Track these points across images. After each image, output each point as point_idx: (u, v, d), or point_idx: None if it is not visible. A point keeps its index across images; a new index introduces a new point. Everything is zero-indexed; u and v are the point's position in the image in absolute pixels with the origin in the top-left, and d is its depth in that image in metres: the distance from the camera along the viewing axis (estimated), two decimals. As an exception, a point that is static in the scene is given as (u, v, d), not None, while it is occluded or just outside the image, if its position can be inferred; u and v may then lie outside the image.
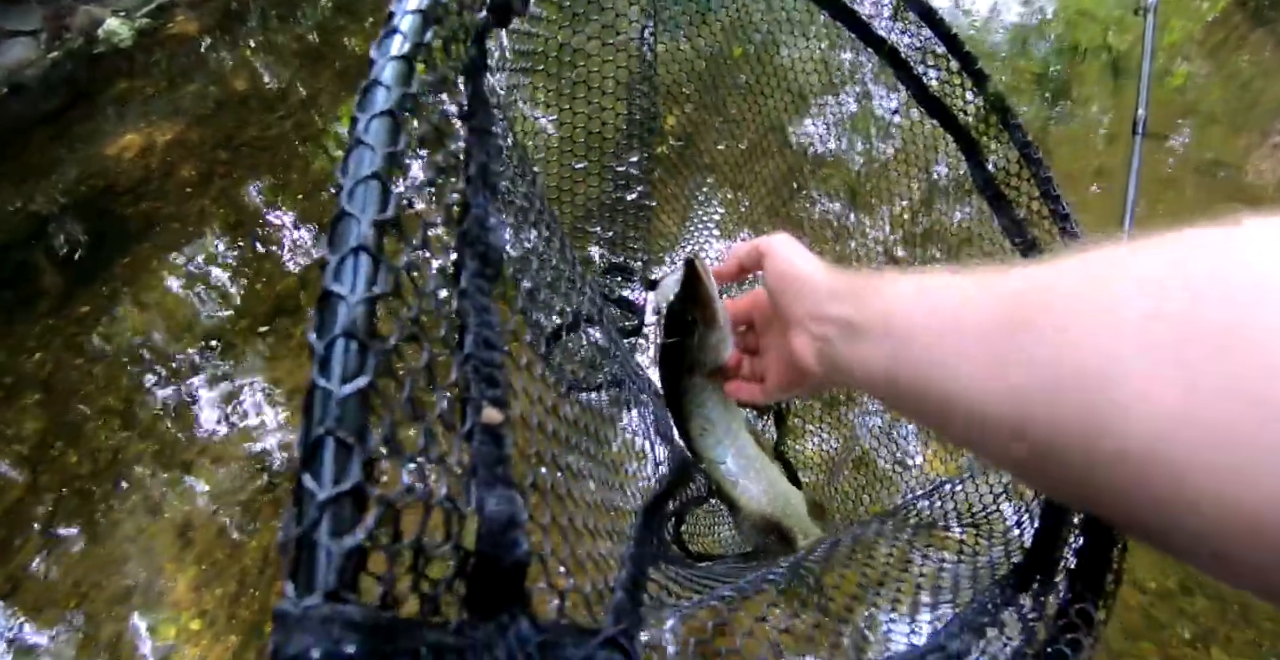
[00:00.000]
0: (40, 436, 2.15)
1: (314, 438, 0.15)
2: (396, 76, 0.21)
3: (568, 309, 0.44)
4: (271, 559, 1.76)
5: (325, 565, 0.14)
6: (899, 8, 0.60)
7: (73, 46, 3.90)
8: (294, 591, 0.14)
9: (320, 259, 0.30)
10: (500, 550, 0.18)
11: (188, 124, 3.25)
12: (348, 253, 0.17)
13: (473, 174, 0.26)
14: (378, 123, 0.20)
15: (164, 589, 1.77)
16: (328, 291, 0.17)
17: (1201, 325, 0.20)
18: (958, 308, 0.29)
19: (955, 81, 0.60)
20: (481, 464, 0.20)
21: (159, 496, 1.95)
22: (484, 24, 0.31)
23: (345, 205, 0.18)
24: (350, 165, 0.19)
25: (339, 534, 0.14)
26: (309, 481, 0.15)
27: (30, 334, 2.45)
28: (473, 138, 0.27)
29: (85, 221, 2.86)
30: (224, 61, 3.71)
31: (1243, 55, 3.14)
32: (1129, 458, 0.21)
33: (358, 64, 3.50)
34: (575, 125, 0.61)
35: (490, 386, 0.21)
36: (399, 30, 0.22)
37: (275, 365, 2.21)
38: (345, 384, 0.16)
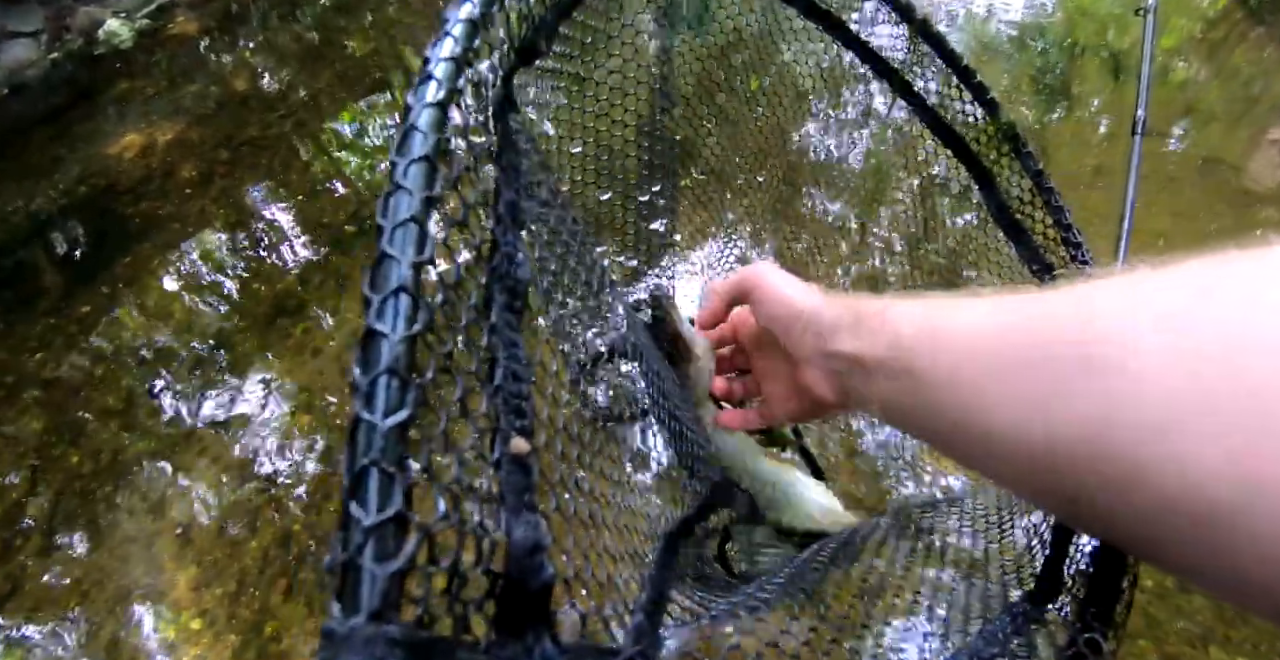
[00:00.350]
0: (40, 436, 2.15)
1: (359, 467, 0.16)
2: (432, 123, 0.22)
3: (600, 342, 0.47)
4: (271, 558, 1.76)
5: (370, 588, 0.15)
6: (912, 38, 0.60)
7: (73, 47, 3.90)
8: (340, 611, 0.15)
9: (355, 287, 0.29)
10: (526, 574, 0.20)
11: (188, 124, 3.26)
12: (389, 294, 0.19)
13: (501, 212, 0.27)
14: (415, 168, 0.21)
15: (164, 588, 1.77)
16: (371, 330, 0.18)
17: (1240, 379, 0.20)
18: (972, 340, 0.28)
19: (968, 110, 0.60)
20: (509, 491, 0.21)
21: (159, 496, 1.95)
22: (511, 65, 0.32)
23: (386, 247, 0.20)
24: (390, 209, 0.20)
25: (383, 559, 0.15)
26: (355, 509, 0.16)
27: (31, 333, 2.45)
28: (501, 176, 0.28)
29: (86, 221, 2.86)
30: (224, 62, 3.71)
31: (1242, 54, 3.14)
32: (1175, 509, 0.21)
33: (357, 65, 3.50)
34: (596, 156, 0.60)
35: (518, 417, 0.23)
36: (434, 77, 0.24)
37: (275, 365, 2.21)
38: (388, 417, 0.17)
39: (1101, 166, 2.40)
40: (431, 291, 0.20)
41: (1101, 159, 2.44)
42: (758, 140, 0.76)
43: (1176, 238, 2.10)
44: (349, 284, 2.40)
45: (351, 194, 2.81)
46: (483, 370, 0.23)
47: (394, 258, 0.20)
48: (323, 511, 1.83)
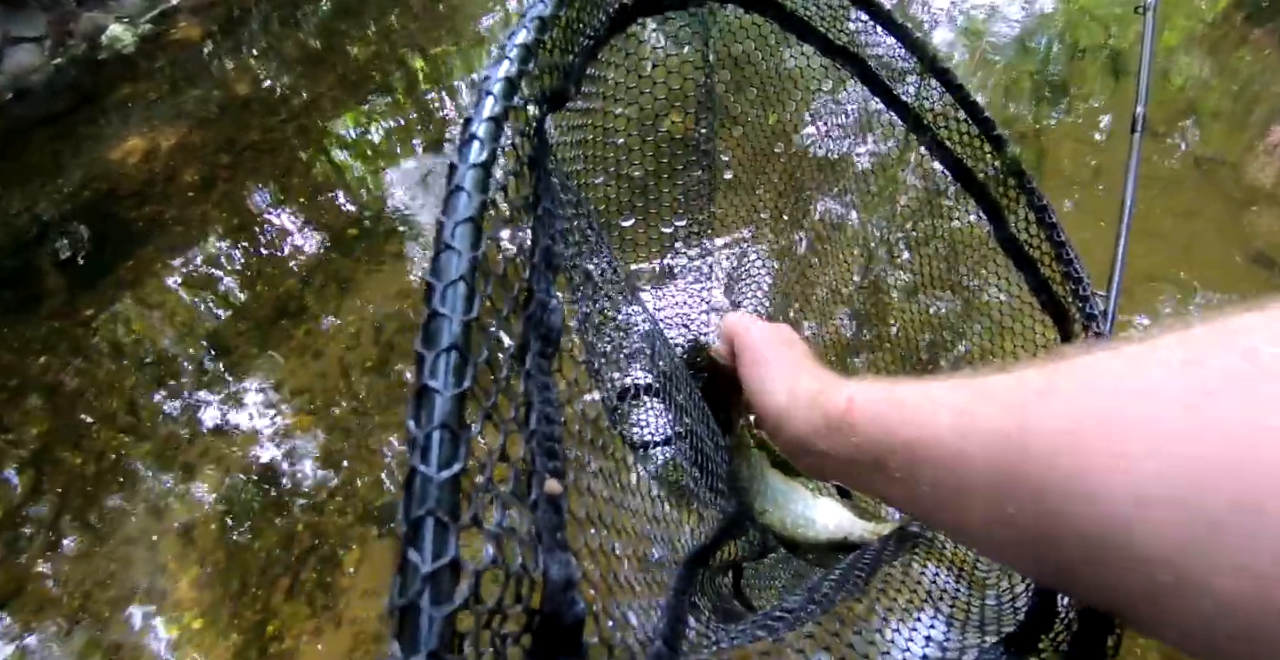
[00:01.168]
0: (44, 438, 2.16)
1: (415, 517, 0.17)
2: (476, 183, 0.23)
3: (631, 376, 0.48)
4: (273, 558, 1.77)
5: (428, 629, 0.16)
6: (923, 74, 0.61)
7: (76, 52, 3.93)
8: (400, 651, 0.16)
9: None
10: (560, 609, 0.21)
11: (190, 128, 3.27)
12: (441, 351, 0.20)
13: (537, 261, 0.28)
14: (462, 229, 0.22)
15: (166, 589, 1.78)
16: (425, 386, 0.19)
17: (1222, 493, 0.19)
18: (940, 454, 0.28)
19: (976, 145, 0.61)
20: (545, 531, 0.22)
21: (162, 498, 1.96)
22: (542, 114, 0.33)
23: (438, 306, 0.21)
24: (440, 268, 0.21)
25: (439, 602, 0.17)
26: (413, 556, 0.17)
27: (34, 336, 2.46)
28: (537, 224, 0.29)
29: (89, 225, 2.88)
30: (226, 66, 3.73)
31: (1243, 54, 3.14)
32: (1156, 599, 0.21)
33: (359, 69, 3.52)
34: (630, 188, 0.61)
35: (551, 459, 0.24)
36: (476, 137, 0.25)
37: (277, 367, 2.22)
38: (441, 471, 0.18)
39: (1102, 166, 2.40)
40: (477, 347, 0.21)
41: (1102, 158, 2.44)
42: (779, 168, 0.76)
43: (1176, 237, 2.10)
44: (351, 286, 2.41)
45: (353, 197, 2.82)
46: (520, 414, 0.24)
47: (445, 316, 0.20)
48: (325, 512, 1.83)
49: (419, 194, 2.74)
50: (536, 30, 0.30)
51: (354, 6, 4.01)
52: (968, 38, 3.16)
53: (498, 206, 0.25)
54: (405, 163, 2.92)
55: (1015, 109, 2.70)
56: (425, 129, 3.10)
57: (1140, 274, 1.95)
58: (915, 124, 0.63)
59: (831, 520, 0.58)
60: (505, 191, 0.26)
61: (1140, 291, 1.93)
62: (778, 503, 0.58)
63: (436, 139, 3.00)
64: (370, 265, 2.46)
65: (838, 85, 0.66)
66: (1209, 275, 1.99)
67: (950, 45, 3.12)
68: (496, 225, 0.25)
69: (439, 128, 3.07)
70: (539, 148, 0.31)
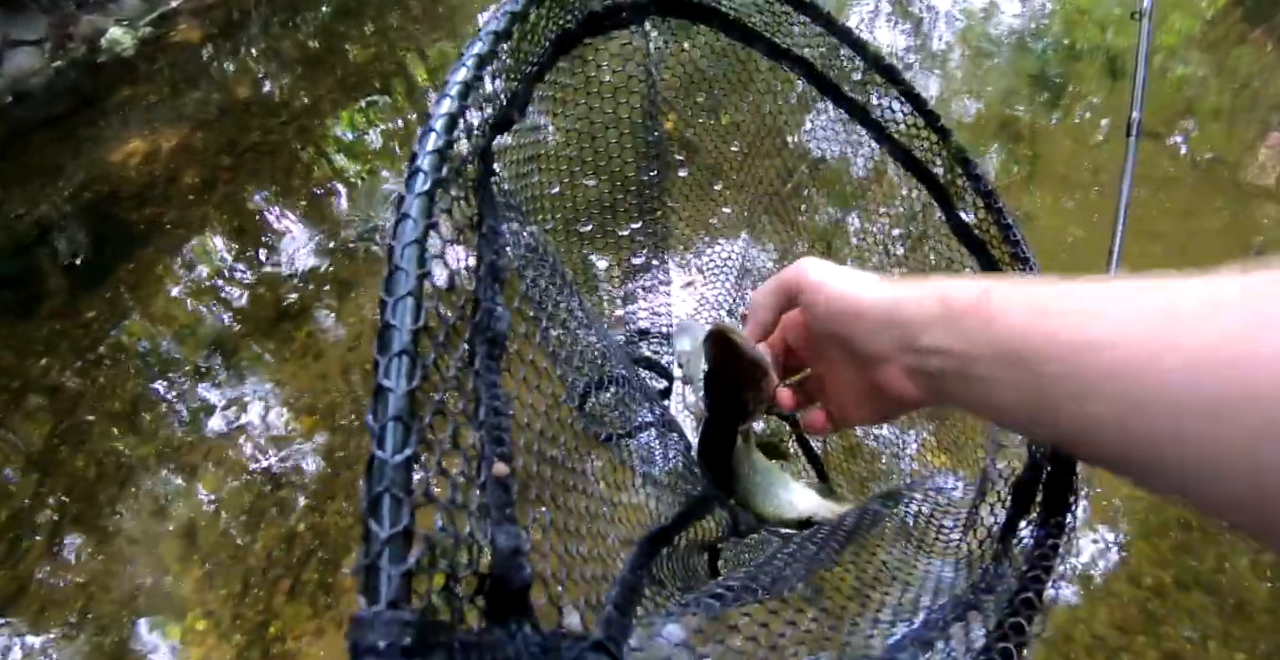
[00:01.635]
0: (46, 440, 2.17)
1: (374, 494, 0.21)
2: (421, 210, 0.27)
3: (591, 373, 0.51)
4: (275, 559, 1.77)
5: (387, 584, 0.20)
6: (867, 70, 0.63)
7: (76, 55, 3.93)
8: (365, 603, 0.19)
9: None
10: (509, 574, 0.25)
11: (191, 130, 3.28)
12: (393, 355, 0.23)
13: (482, 274, 0.32)
14: (409, 250, 0.25)
15: (169, 590, 1.78)
16: (380, 385, 0.23)
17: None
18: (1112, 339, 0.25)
19: (923, 136, 0.63)
20: (494, 507, 0.26)
21: (164, 499, 1.96)
22: (487, 140, 0.36)
23: (389, 318, 0.24)
24: (392, 286, 0.24)
25: (395, 562, 0.20)
26: (373, 525, 0.20)
27: (35, 338, 2.47)
28: (482, 241, 0.33)
29: (90, 227, 2.89)
30: (226, 68, 3.74)
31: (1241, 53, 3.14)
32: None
33: (358, 71, 3.52)
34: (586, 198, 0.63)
35: (498, 445, 0.28)
36: (421, 169, 0.28)
37: (278, 368, 2.22)
38: (395, 455, 0.21)
39: (1100, 167, 2.41)
40: (425, 350, 0.24)
41: (1100, 160, 2.45)
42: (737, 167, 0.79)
43: (1174, 237, 2.11)
44: (351, 287, 2.42)
45: (353, 198, 2.82)
46: (470, 407, 0.28)
47: (395, 326, 0.24)
48: (326, 512, 1.84)
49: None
50: (475, 67, 0.33)
51: (353, 8, 4.02)
52: (966, 39, 3.16)
53: (442, 229, 0.27)
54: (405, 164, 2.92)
55: (1013, 110, 2.71)
56: (425, 131, 3.10)
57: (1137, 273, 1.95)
58: (863, 119, 0.66)
59: (805, 502, 0.63)
60: (451, 214, 0.29)
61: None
62: (760, 485, 0.62)
63: (436, 141, 2.99)
64: (371, 266, 2.47)
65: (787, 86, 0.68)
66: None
67: (948, 46, 3.13)
68: (446, 243, 0.28)
69: (438, 129, 3.07)
70: (483, 172, 0.34)
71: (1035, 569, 0.41)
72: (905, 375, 0.35)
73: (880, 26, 3.30)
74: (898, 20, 3.35)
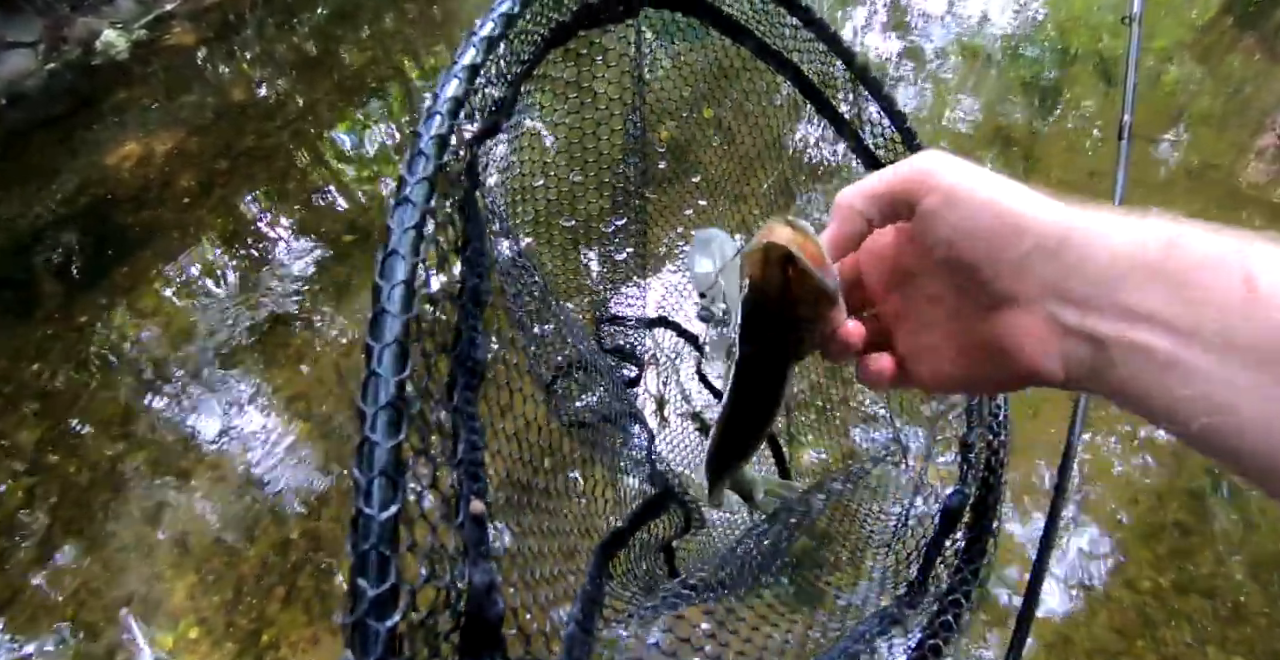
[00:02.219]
0: (38, 446, 2.15)
1: (361, 551, 0.21)
2: (410, 247, 0.26)
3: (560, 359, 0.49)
4: (269, 566, 1.76)
5: (374, 640, 0.20)
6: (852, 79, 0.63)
7: (71, 57, 3.92)
8: (352, 656, 0.20)
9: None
10: (484, 609, 0.25)
11: (186, 133, 3.27)
12: (379, 408, 0.23)
13: (465, 301, 0.31)
14: (397, 290, 0.25)
15: (161, 597, 1.77)
16: (366, 438, 0.22)
17: None
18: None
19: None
20: (470, 545, 0.26)
21: (157, 505, 1.95)
22: (473, 155, 0.34)
23: (376, 367, 0.23)
24: (378, 331, 0.24)
25: (382, 619, 0.20)
26: (361, 582, 0.21)
27: (29, 342, 2.45)
28: (466, 266, 0.32)
29: (85, 230, 2.87)
30: (222, 72, 3.73)
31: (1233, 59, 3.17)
32: None
33: (355, 74, 3.52)
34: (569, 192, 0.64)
35: (475, 482, 0.28)
36: (410, 200, 0.27)
37: (272, 374, 2.21)
38: (382, 511, 0.21)
39: (1095, 170, 2.42)
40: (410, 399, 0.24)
41: (1095, 163, 2.46)
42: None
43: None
44: (347, 293, 2.41)
45: (349, 203, 2.82)
46: (449, 445, 0.28)
47: (381, 376, 0.23)
48: (321, 518, 1.83)
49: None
50: (467, 79, 0.31)
51: (349, 12, 4.02)
52: (961, 45, 3.18)
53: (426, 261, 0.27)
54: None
55: (1008, 114, 2.72)
56: (421, 135, 3.10)
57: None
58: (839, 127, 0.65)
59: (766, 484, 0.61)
60: (437, 243, 0.28)
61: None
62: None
63: (432, 145, 2.99)
64: (366, 271, 2.46)
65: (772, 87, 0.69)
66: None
67: (944, 52, 3.14)
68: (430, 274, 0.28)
69: (435, 133, 3.07)
70: (469, 189, 0.33)
71: (955, 592, 0.42)
72: (1054, 336, 0.26)
73: (874, 34, 3.32)
74: (893, 28, 3.37)
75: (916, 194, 0.28)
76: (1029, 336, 0.26)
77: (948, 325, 0.30)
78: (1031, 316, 0.26)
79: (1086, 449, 1.81)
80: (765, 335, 0.35)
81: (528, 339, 0.46)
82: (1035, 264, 0.26)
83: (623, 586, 0.46)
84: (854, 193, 0.31)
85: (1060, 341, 0.26)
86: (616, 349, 0.82)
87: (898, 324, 0.34)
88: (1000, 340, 0.28)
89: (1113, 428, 1.84)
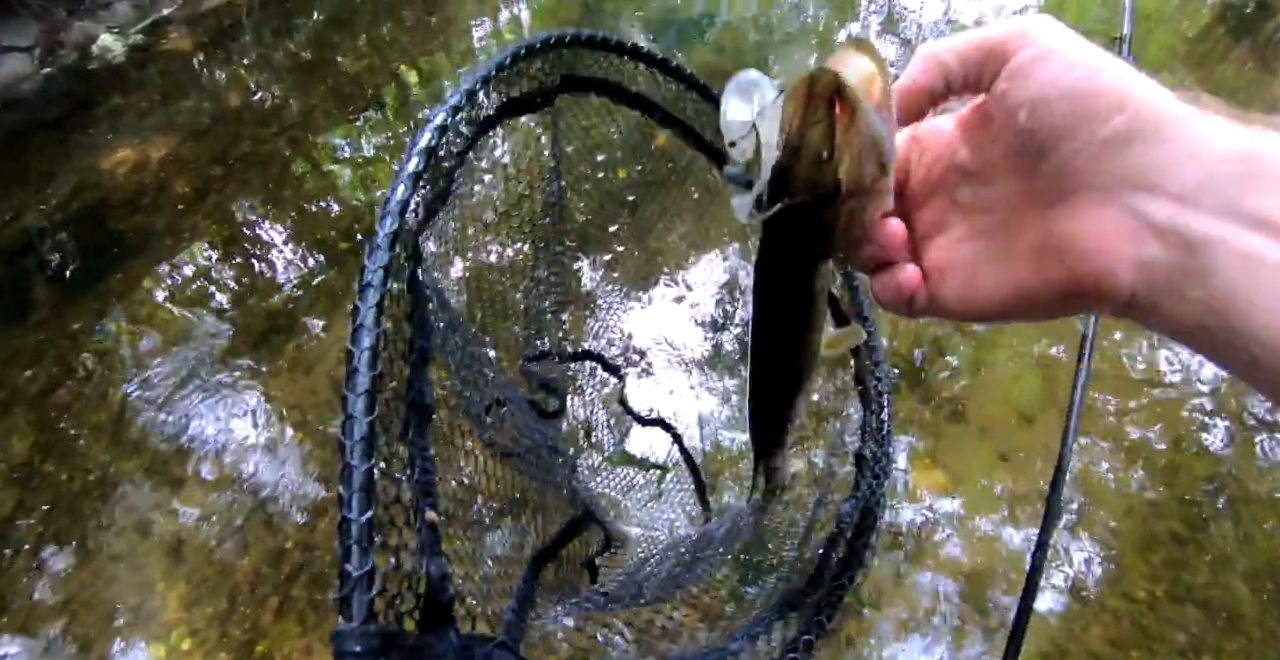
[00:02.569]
0: (29, 453, 2.14)
1: (346, 545, 0.30)
2: (372, 320, 0.35)
3: (485, 399, 0.60)
4: (262, 576, 1.75)
5: (358, 608, 0.29)
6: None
7: (67, 61, 3.91)
8: (344, 621, 0.29)
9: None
10: (437, 595, 0.34)
11: (182, 139, 3.26)
12: (355, 442, 0.32)
13: (414, 360, 0.40)
14: (365, 354, 0.34)
15: (154, 607, 1.76)
16: (347, 463, 0.31)
17: None
18: None
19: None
20: (427, 545, 0.35)
21: (149, 514, 1.94)
22: (418, 240, 0.43)
23: (352, 410, 0.32)
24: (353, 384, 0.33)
25: (362, 593, 0.29)
26: (348, 567, 0.30)
27: (21, 348, 2.44)
28: (414, 331, 0.41)
29: (79, 235, 2.86)
30: (218, 77, 3.72)
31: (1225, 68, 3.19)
32: None
33: (351, 80, 3.52)
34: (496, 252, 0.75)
35: (428, 497, 0.36)
36: (372, 285, 0.36)
37: (267, 382, 2.20)
38: (361, 515, 0.30)
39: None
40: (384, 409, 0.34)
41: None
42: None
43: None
44: (342, 300, 2.40)
45: (344, 210, 2.81)
46: (407, 471, 0.36)
47: (356, 417, 0.32)
48: (315, 528, 1.82)
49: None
50: (412, 185, 0.41)
51: (346, 18, 4.02)
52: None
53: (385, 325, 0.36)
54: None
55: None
56: (418, 141, 3.10)
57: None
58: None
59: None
60: (393, 319, 0.38)
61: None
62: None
63: (429, 151, 3.00)
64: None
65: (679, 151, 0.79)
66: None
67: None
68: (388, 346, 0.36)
69: (431, 140, 3.07)
70: (413, 268, 0.42)
71: (827, 601, 0.53)
72: (1132, 234, 0.22)
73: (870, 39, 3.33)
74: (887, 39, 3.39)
75: (1010, 50, 0.24)
76: (1099, 234, 0.22)
77: (996, 234, 0.27)
78: (1107, 210, 0.22)
79: (1081, 459, 1.81)
80: (793, 215, 0.28)
81: (460, 383, 0.54)
82: (1127, 145, 0.22)
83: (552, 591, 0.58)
84: (940, 45, 0.26)
85: (1139, 242, 0.22)
86: (543, 384, 0.90)
87: (933, 235, 0.29)
88: (1062, 241, 0.23)
89: (1108, 438, 1.84)
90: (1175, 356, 1.97)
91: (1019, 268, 0.25)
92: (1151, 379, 1.94)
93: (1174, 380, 1.93)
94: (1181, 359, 1.95)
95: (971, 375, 2.02)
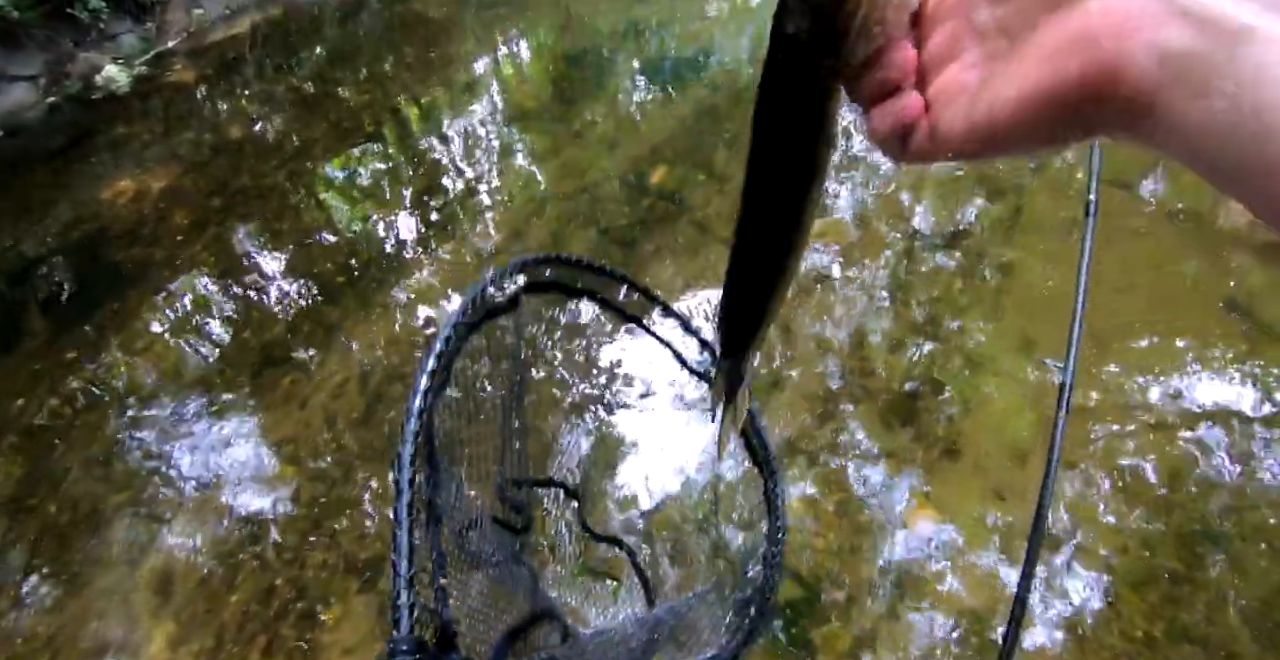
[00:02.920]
0: (19, 483, 2.12)
1: (396, 591, 0.58)
2: (408, 483, 0.64)
3: (464, 523, 0.84)
4: (251, 614, 1.73)
5: (407, 622, 0.58)
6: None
7: (71, 91, 3.97)
8: (395, 635, 0.57)
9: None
10: (446, 631, 0.64)
11: (183, 170, 3.30)
12: (402, 556, 0.60)
13: (429, 513, 0.69)
14: (404, 508, 0.62)
15: (140, 644, 1.73)
16: (394, 561, 0.60)
17: None
18: None
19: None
20: (438, 600, 0.66)
21: (138, 548, 1.92)
22: (428, 425, 0.70)
23: (399, 536, 0.61)
24: (398, 519, 0.62)
25: (410, 613, 0.58)
26: (400, 599, 0.58)
27: (15, 377, 2.44)
28: (430, 488, 0.70)
29: (76, 264, 2.88)
30: (220, 110, 3.78)
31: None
32: None
33: (351, 115, 3.58)
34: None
35: (440, 569, 0.68)
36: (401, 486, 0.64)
37: (262, 415, 2.20)
38: (407, 580, 0.59)
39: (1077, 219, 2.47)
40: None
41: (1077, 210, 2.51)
42: None
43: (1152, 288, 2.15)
44: (337, 334, 2.40)
45: (342, 243, 2.83)
46: (433, 556, 0.68)
47: (400, 540, 0.60)
48: (306, 565, 1.80)
49: (408, 242, 2.77)
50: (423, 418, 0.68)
51: (348, 53, 4.10)
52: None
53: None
54: (395, 210, 2.95)
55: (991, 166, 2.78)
56: (416, 176, 3.14)
57: (1115, 326, 1.99)
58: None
59: None
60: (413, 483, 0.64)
61: (1116, 344, 1.97)
62: None
63: (427, 187, 3.03)
64: (358, 313, 2.47)
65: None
66: (1184, 323, 2.03)
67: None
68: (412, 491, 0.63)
69: (430, 175, 3.12)
70: (429, 446, 0.71)
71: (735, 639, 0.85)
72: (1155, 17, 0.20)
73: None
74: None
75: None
76: (1121, 12, 0.21)
77: (1010, 52, 0.25)
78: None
79: (1075, 494, 1.81)
80: (801, 34, 0.26)
81: (446, 515, 0.77)
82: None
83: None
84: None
85: (1162, 24, 0.20)
86: (515, 506, 1.07)
87: (943, 63, 0.28)
88: (1078, 31, 0.22)
89: (1102, 471, 1.85)
90: (1170, 385, 1.97)
91: (1032, 72, 0.23)
92: (1146, 408, 1.95)
93: (1170, 410, 1.94)
94: (1176, 386, 1.96)
95: (965, 411, 2.03)
